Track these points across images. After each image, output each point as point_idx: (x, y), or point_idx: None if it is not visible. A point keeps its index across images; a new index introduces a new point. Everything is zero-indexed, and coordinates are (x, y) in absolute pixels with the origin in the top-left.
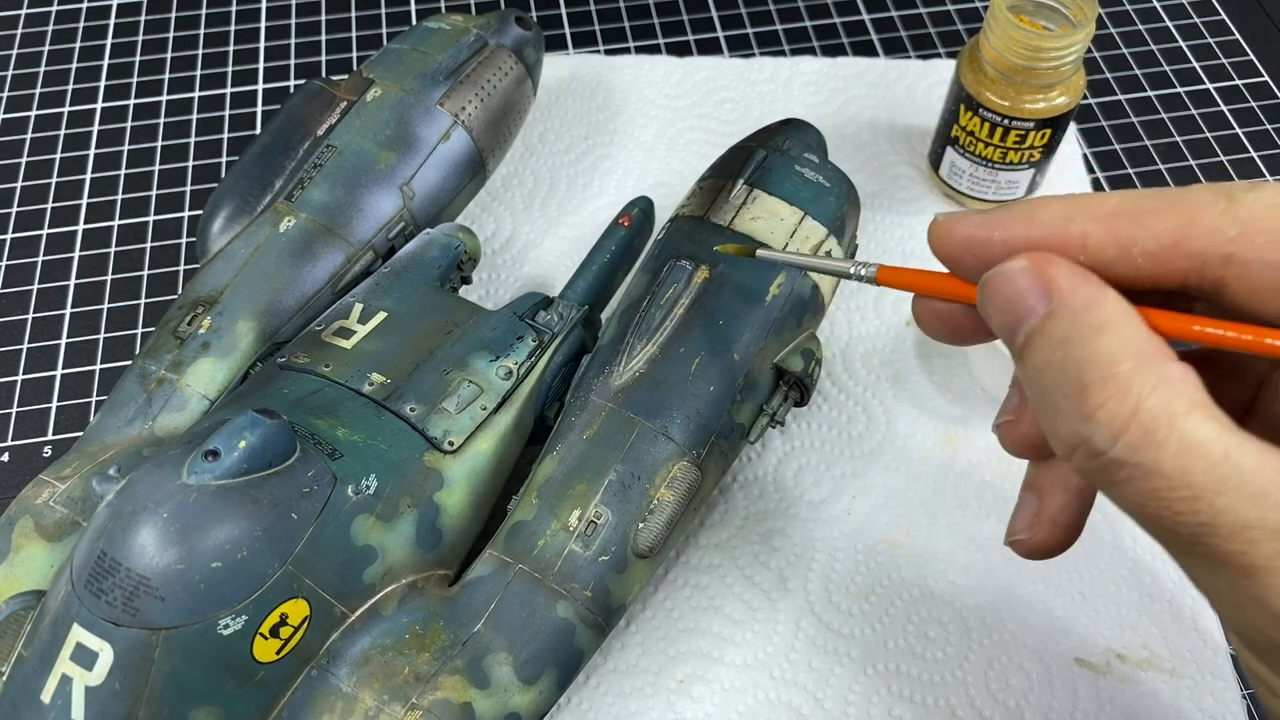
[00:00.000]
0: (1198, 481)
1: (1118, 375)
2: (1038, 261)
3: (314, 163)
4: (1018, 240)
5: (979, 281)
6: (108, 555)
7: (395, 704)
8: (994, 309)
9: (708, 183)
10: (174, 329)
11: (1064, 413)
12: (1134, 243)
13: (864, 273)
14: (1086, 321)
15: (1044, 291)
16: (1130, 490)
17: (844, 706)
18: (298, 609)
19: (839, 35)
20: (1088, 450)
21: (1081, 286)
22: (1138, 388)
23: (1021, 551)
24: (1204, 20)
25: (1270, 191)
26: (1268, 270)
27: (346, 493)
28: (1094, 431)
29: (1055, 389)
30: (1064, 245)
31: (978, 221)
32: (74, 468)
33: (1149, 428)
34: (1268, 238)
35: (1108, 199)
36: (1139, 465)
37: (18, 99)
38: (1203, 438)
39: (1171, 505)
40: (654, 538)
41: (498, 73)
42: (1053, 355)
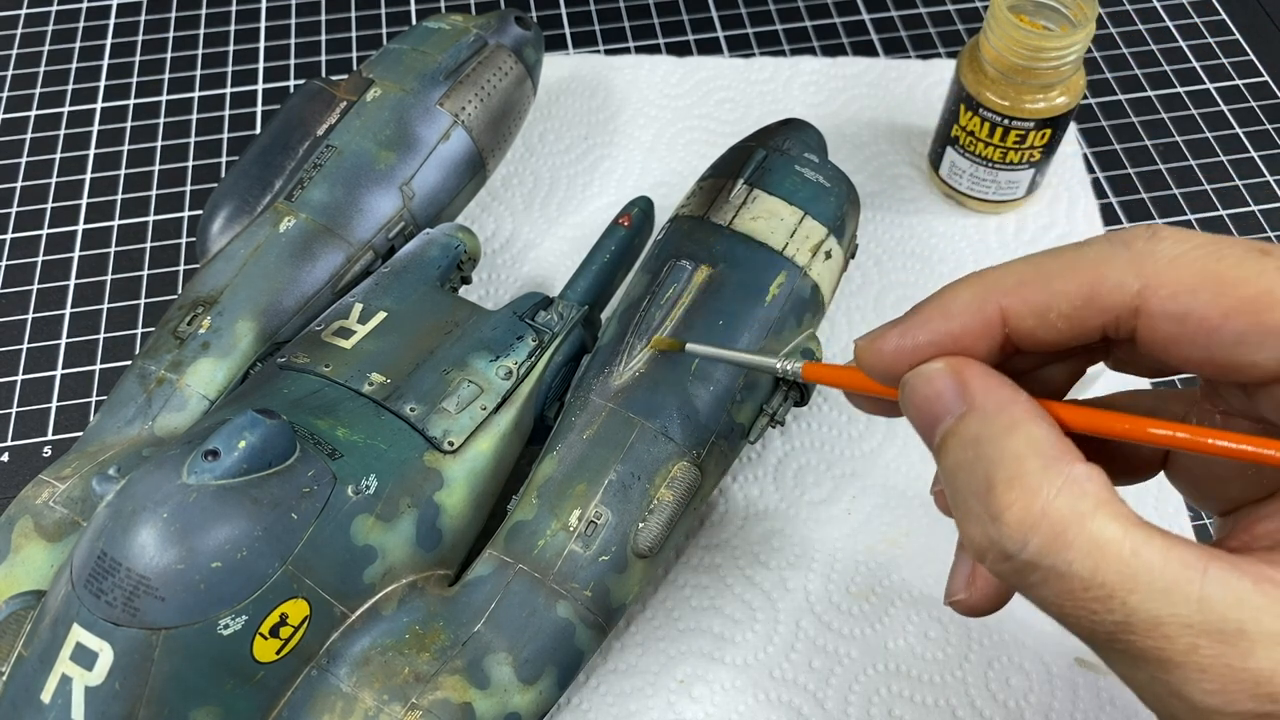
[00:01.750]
0: (1109, 581)
1: (1025, 476)
2: (954, 364)
3: (314, 163)
4: (940, 338)
5: (899, 383)
6: (108, 555)
7: (395, 704)
8: (913, 409)
9: (708, 182)
10: (174, 329)
11: (975, 514)
12: (1048, 309)
13: (791, 368)
14: (997, 422)
15: (960, 393)
16: (1045, 592)
17: (844, 706)
18: (298, 609)
19: (839, 35)
20: (998, 553)
21: (995, 389)
22: (1045, 489)
23: (961, 611)
24: (1204, 20)
25: (1169, 242)
26: (1170, 324)
27: (346, 493)
28: (1003, 534)
29: (966, 489)
30: (986, 327)
31: (899, 331)
32: (74, 468)
33: (1058, 530)
34: (1169, 290)
35: (1012, 271)
36: (1051, 568)
37: (18, 99)
38: (1110, 536)
39: (1087, 605)
40: (654, 538)
41: (498, 73)
42: (964, 455)
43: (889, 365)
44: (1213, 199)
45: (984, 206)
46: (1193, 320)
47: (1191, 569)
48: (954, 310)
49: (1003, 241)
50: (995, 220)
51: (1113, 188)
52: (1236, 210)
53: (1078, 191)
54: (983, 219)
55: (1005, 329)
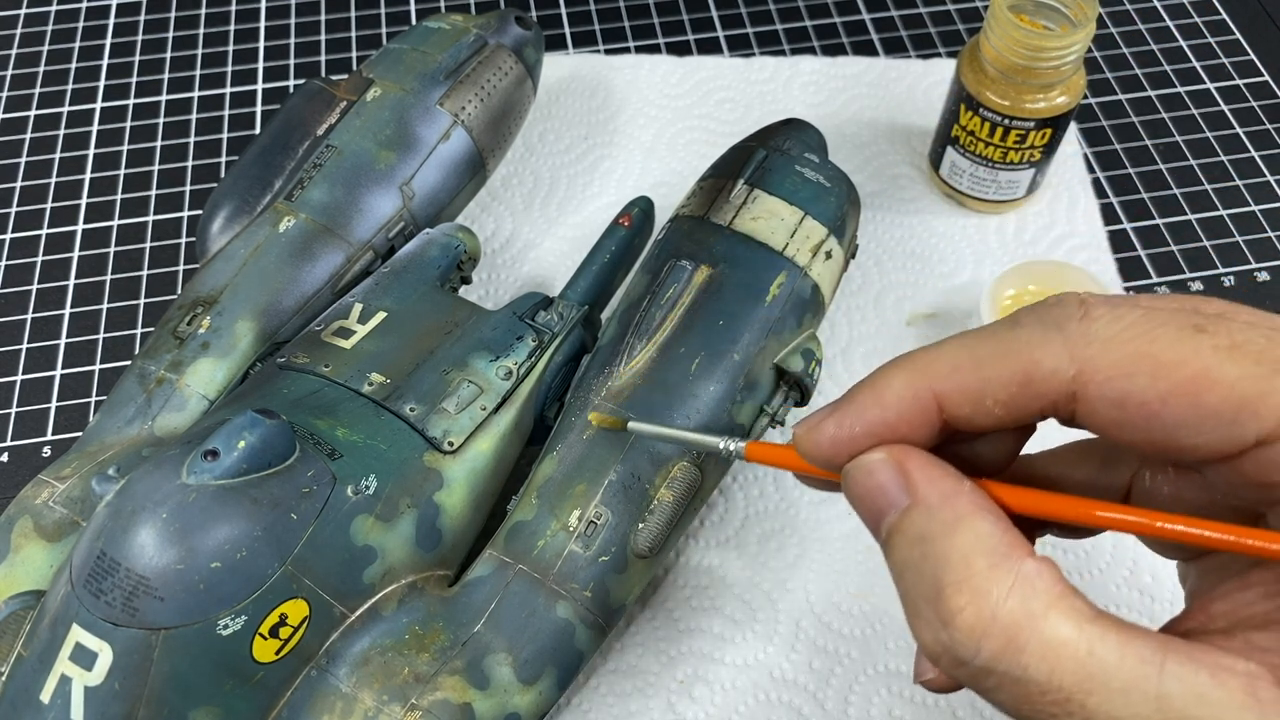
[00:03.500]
0: (1066, 683)
1: (973, 578)
2: (896, 454)
3: (314, 163)
4: (877, 427)
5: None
6: (107, 555)
7: (395, 704)
8: (856, 500)
9: (708, 182)
10: (173, 329)
11: (926, 618)
12: (984, 396)
13: (734, 448)
14: (941, 518)
15: (902, 485)
16: (1002, 696)
17: (844, 706)
18: (297, 609)
19: (839, 35)
20: (952, 659)
21: (938, 479)
22: (995, 591)
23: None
24: (1204, 20)
25: (1102, 322)
26: (1108, 407)
27: (346, 493)
28: (955, 640)
29: (915, 591)
30: (922, 415)
31: (835, 421)
32: (73, 468)
33: (1010, 633)
34: (1105, 375)
35: (945, 355)
36: (1006, 673)
37: (17, 99)
38: (1064, 637)
39: (1045, 709)
40: (654, 538)
41: (498, 73)
42: (911, 554)
43: (828, 455)
44: (1213, 199)
45: (984, 206)
46: (1131, 404)
47: (1148, 664)
48: (888, 399)
49: (1003, 241)
50: (995, 220)
51: (1113, 188)
52: (1236, 210)
53: (1078, 191)
54: (983, 219)
55: (941, 415)
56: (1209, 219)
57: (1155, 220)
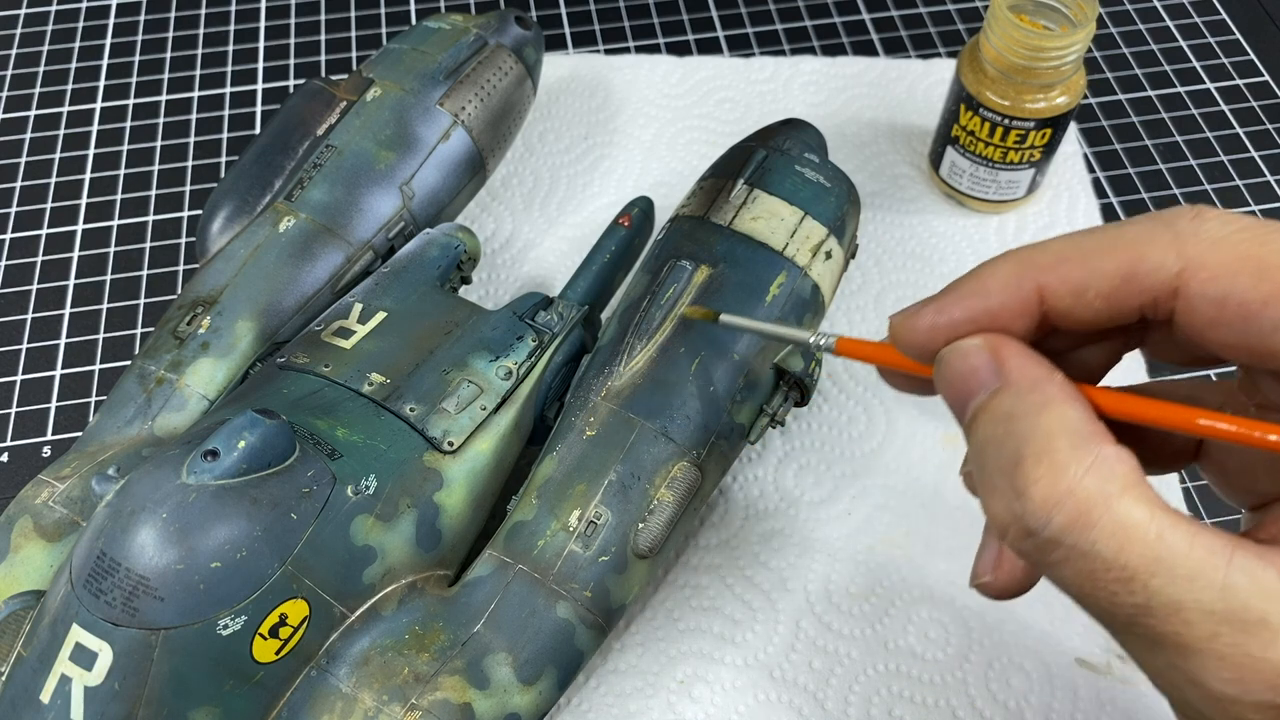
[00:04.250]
0: (1132, 563)
1: (1054, 453)
2: (991, 341)
3: (314, 162)
4: (977, 314)
5: (936, 358)
6: (107, 555)
7: (395, 704)
8: (947, 384)
9: (708, 183)
10: (173, 329)
11: (999, 489)
12: (1086, 287)
13: (824, 343)
14: (1030, 400)
15: (995, 369)
16: (1066, 571)
17: (844, 706)
18: (297, 609)
19: (839, 35)
20: (1021, 529)
21: (1030, 366)
22: (1073, 468)
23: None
24: (1204, 20)
25: (1213, 224)
26: (1208, 306)
27: (346, 493)
28: (1027, 510)
29: (994, 464)
30: (1022, 305)
31: (935, 308)
32: (73, 468)
33: (1083, 508)
34: (1210, 273)
35: (1051, 248)
36: (1074, 547)
37: (17, 99)
38: (1136, 519)
39: (1107, 587)
40: (654, 538)
41: (498, 72)
42: (995, 430)
43: (924, 342)
44: (1213, 199)
45: (984, 206)
46: (1232, 304)
47: (1217, 556)
48: (991, 287)
49: (1003, 241)
50: (995, 220)
51: (1113, 188)
52: (1237, 210)
53: (1078, 191)
54: (983, 219)
55: (1042, 307)
56: None
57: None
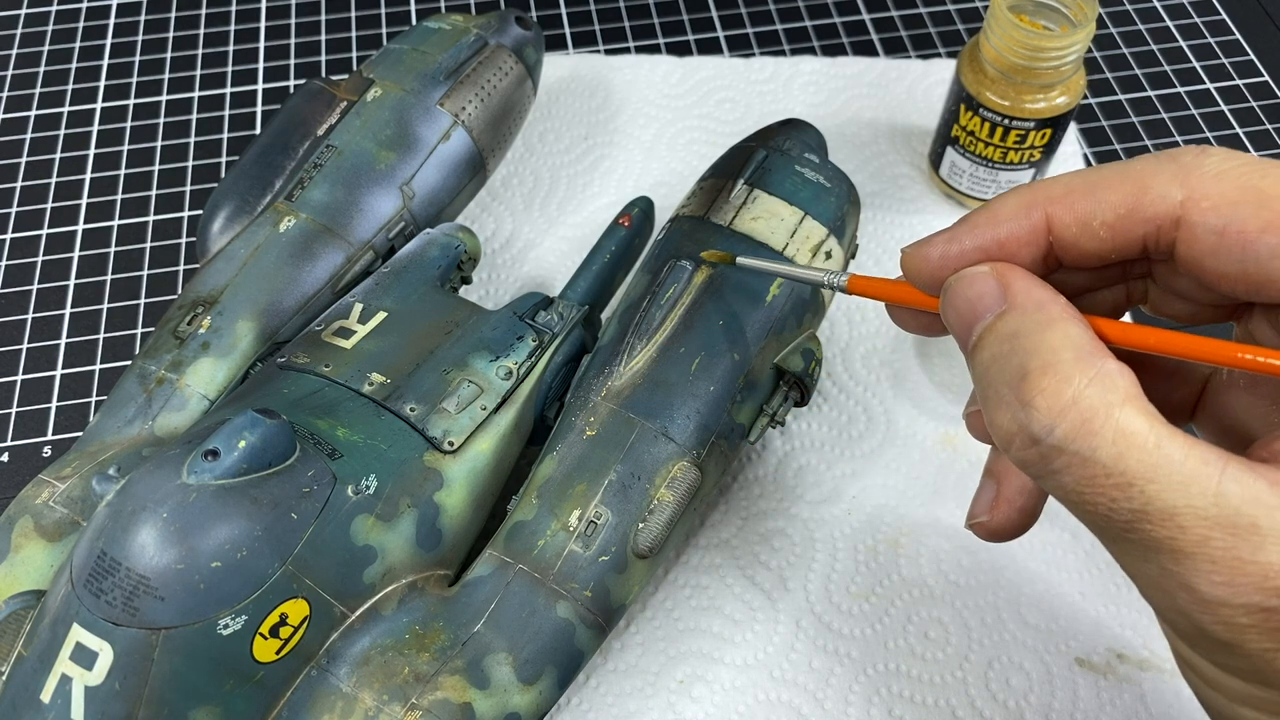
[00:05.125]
0: (1131, 469)
1: (1058, 365)
2: (998, 268)
3: (314, 162)
4: (987, 243)
5: (943, 286)
6: (107, 555)
7: (395, 704)
8: (953, 310)
9: (708, 183)
10: (174, 329)
11: (1005, 401)
12: (1093, 217)
13: (837, 281)
14: (1035, 318)
15: (1000, 294)
16: (1066, 478)
17: (844, 706)
18: (297, 609)
19: (839, 35)
20: (1026, 437)
21: (1035, 290)
22: (1077, 379)
23: (982, 534)
24: (1204, 20)
25: (1215, 158)
26: (1209, 235)
27: (346, 493)
28: (1032, 418)
29: (999, 379)
30: (1031, 233)
31: (945, 237)
32: (74, 467)
33: (1086, 416)
34: (1211, 203)
35: (1061, 181)
36: (1076, 453)
37: (18, 99)
38: (1136, 428)
39: (1107, 493)
40: (654, 538)
41: (498, 73)
42: (1000, 349)
43: (934, 271)
44: None
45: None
46: (1231, 232)
47: (1211, 465)
48: (1001, 216)
49: None
50: None
51: None
52: None
53: None
54: None
55: (1049, 237)
56: None
57: None
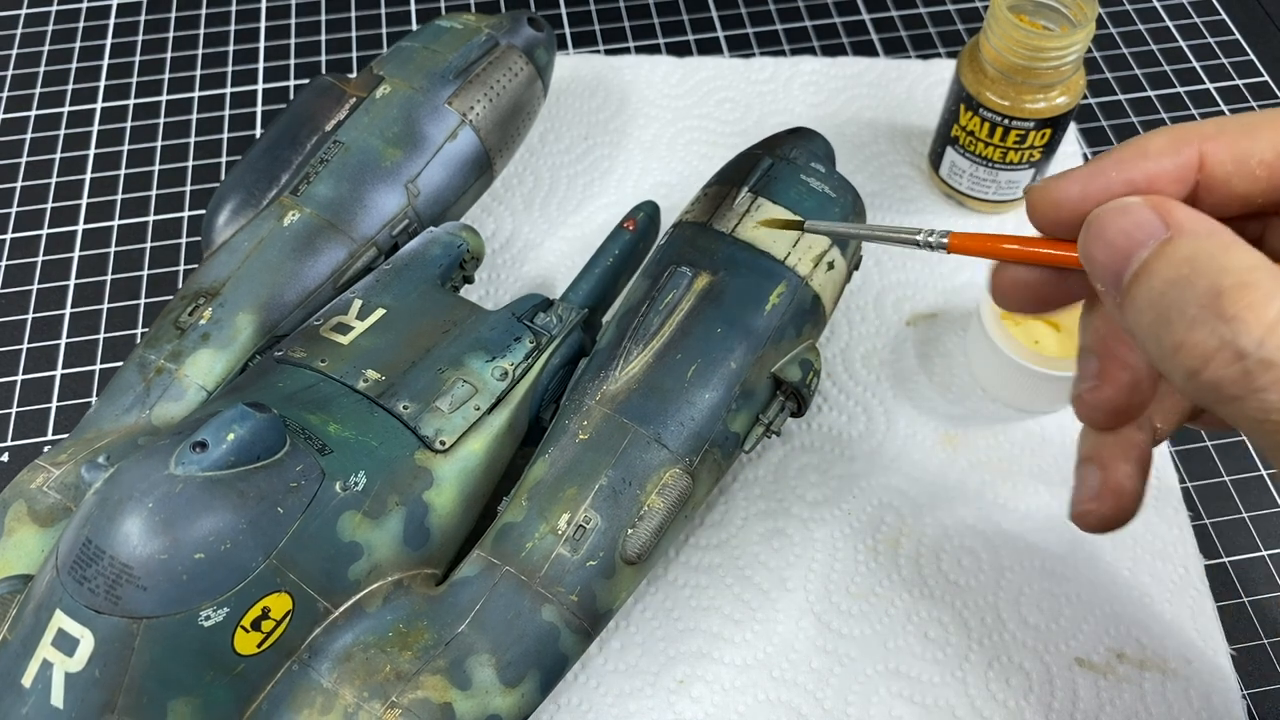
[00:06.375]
0: None
1: (1258, 282)
2: (1153, 199)
3: (320, 158)
4: (1136, 177)
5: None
6: (92, 543)
7: (375, 702)
8: (1104, 244)
9: (712, 189)
10: (175, 319)
11: (1199, 320)
12: (1250, 155)
13: (935, 241)
14: (1213, 242)
15: (1162, 221)
16: (1273, 395)
17: (844, 706)
18: (280, 603)
19: (839, 35)
20: (1231, 353)
21: (1201, 218)
22: (1279, 292)
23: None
24: (1204, 20)
25: None
26: None
27: (334, 488)
28: (1239, 332)
29: (1184, 302)
30: (1182, 170)
31: (1087, 172)
32: (70, 454)
33: None
34: None
35: (1213, 123)
36: None
37: (18, 99)
38: None
39: None
40: (642, 544)
41: (508, 73)
42: (1179, 273)
43: (1074, 207)
44: None
45: (984, 206)
46: None
47: None
48: (1151, 150)
49: None
50: (995, 220)
51: None
52: None
53: None
54: (983, 219)
55: (1199, 175)
56: None
57: None
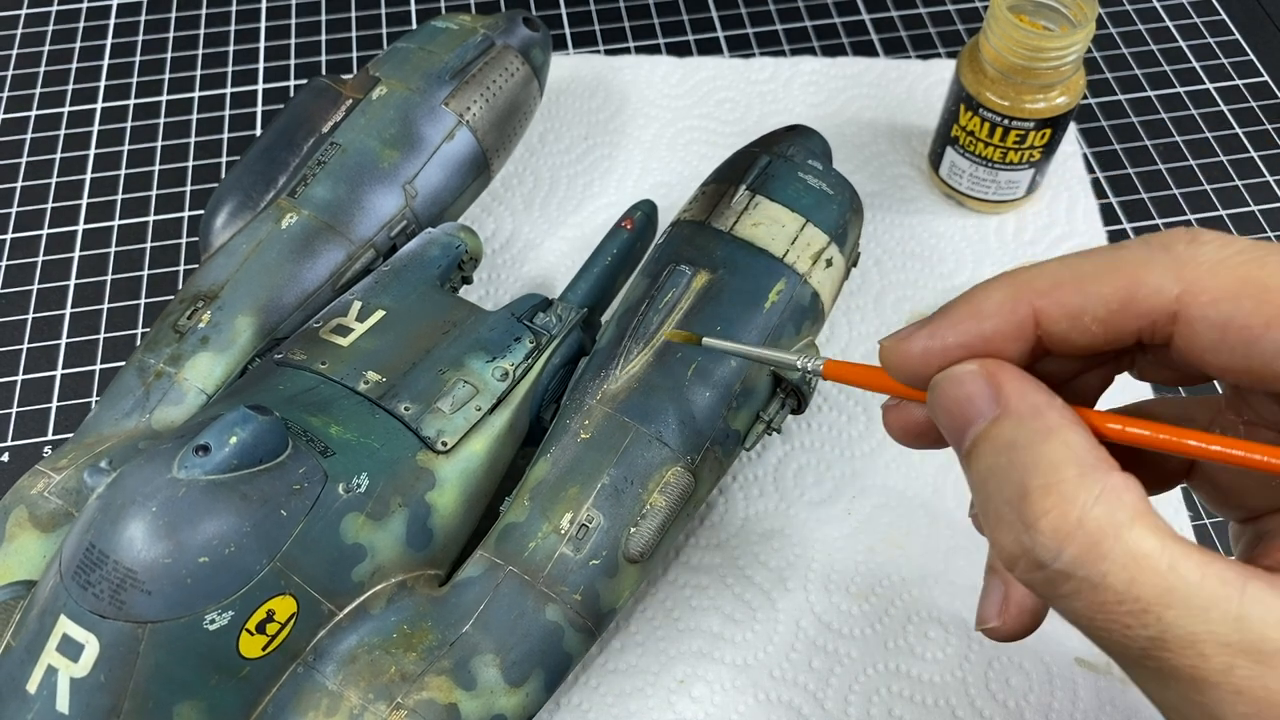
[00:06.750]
0: (1145, 595)
1: (1061, 484)
2: (988, 366)
3: (318, 160)
4: (971, 338)
5: (929, 384)
6: (96, 548)
7: (380, 703)
8: (943, 411)
9: (710, 187)
10: (174, 323)
11: (1007, 521)
12: (1083, 312)
13: (812, 365)
14: (1032, 427)
15: (993, 396)
16: (1077, 604)
17: (844, 706)
18: (285, 605)
19: (839, 35)
20: (1031, 561)
21: (1029, 392)
22: (1082, 498)
23: (996, 638)
24: (1204, 20)
25: (1211, 246)
26: (1210, 330)
27: (337, 490)
28: (1036, 542)
29: (999, 495)
30: (1017, 329)
31: (927, 332)
32: (70, 459)
33: (1094, 539)
34: (1210, 297)
35: (1046, 271)
36: (1085, 579)
37: (18, 99)
38: (1147, 550)
39: (1120, 619)
40: (645, 543)
41: (504, 73)
42: (998, 460)
43: (916, 367)
44: (1213, 199)
45: (984, 206)
46: (1234, 328)
47: (1230, 586)
48: (986, 310)
49: (1002, 242)
50: (995, 220)
51: (1113, 188)
52: (1236, 210)
53: (1078, 191)
54: (983, 219)
55: (1037, 331)
56: (1209, 219)
57: (1155, 220)
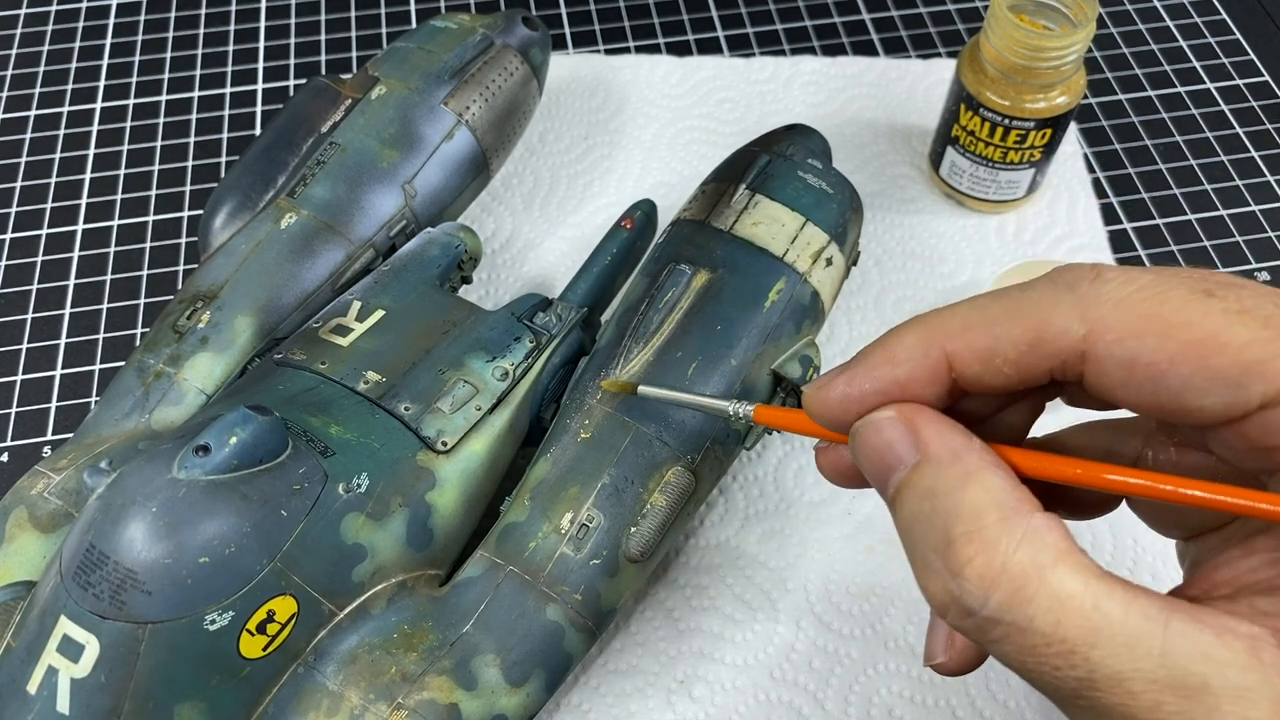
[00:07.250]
0: (1071, 635)
1: (984, 530)
2: (905, 412)
3: (317, 159)
4: (887, 385)
5: (850, 432)
6: (96, 548)
7: (381, 703)
8: (865, 459)
9: (710, 187)
10: (173, 323)
11: (934, 569)
12: (994, 354)
13: (742, 412)
14: (951, 473)
15: (911, 441)
16: (1007, 648)
17: (844, 706)
18: (285, 606)
19: (839, 35)
20: (960, 609)
21: (947, 436)
22: (1004, 542)
23: (943, 674)
24: (1204, 20)
25: (1114, 284)
26: (1117, 368)
27: (337, 490)
28: (964, 590)
29: (924, 543)
30: (931, 373)
31: (845, 379)
32: (70, 459)
33: (1018, 584)
34: (1115, 335)
35: (956, 315)
36: (1012, 623)
37: (18, 99)
38: (1071, 590)
39: (1049, 661)
40: (645, 542)
41: (503, 73)
42: (920, 508)
43: (837, 414)
44: (1213, 199)
45: (984, 206)
46: (1139, 365)
47: (1153, 622)
48: (899, 356)
49: (1003, 241)
50: (995, 220)
51: (1113, 188)
52: (1236, 210)
53: (1078, 191)
54: (983, 219)
55: (951, 374)
56: (1209, 219)
57: (1155, 220)
